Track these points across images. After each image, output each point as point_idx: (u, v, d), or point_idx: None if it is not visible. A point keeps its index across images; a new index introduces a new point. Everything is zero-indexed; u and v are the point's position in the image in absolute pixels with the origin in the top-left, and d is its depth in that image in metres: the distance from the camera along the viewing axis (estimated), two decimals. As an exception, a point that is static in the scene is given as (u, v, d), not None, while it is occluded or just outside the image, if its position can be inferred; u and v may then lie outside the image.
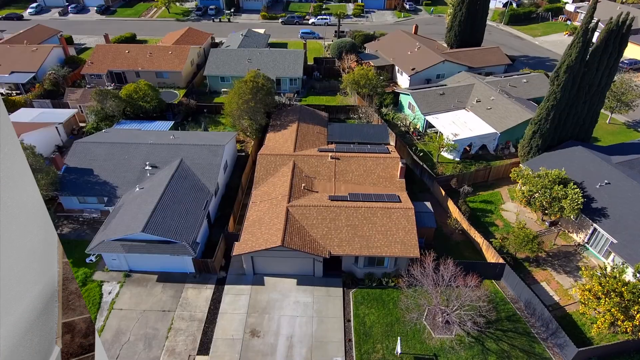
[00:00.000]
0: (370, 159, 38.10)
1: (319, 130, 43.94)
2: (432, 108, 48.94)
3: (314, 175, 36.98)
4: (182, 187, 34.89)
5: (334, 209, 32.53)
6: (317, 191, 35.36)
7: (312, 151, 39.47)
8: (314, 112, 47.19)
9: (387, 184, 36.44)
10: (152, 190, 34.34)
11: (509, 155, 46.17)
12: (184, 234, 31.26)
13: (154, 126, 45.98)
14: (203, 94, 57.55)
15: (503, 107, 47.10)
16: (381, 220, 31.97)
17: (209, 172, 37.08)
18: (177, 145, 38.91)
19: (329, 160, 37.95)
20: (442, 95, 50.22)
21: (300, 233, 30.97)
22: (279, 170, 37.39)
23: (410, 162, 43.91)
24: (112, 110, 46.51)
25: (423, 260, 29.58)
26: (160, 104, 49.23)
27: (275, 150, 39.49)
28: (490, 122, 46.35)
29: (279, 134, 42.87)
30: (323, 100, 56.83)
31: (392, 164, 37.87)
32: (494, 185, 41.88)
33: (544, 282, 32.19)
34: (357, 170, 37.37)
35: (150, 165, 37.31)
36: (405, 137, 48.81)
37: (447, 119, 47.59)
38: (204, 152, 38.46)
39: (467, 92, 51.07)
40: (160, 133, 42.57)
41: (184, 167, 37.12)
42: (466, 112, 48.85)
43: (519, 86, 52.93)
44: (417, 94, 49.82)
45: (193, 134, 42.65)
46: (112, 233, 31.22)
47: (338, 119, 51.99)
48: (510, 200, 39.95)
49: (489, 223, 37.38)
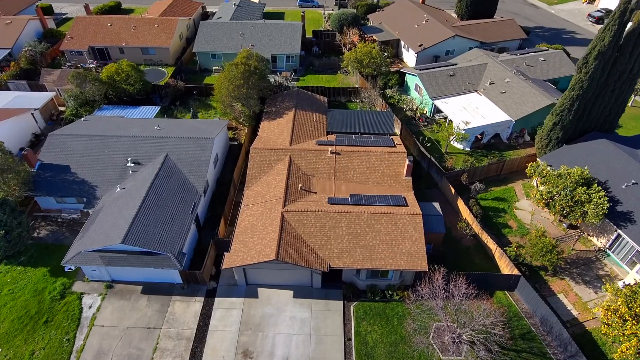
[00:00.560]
0: (374, 155, 34.70)
1: (318, 118, 40.23)
2: (441, 91, 44.92)
3: (311, 172, 33.72)
4: (167, 188, 31.75)
5: (334, 215, 29.53)
6: (315, 192, 32.24)
7: (310, 144, 36.00)
8: (312, 97, 43.25)
9: (392, 182, 33.25)
10: (134, 192, 31.23)
11: (523, 144, 42.67)
12: (168, 243, 28.43)
13: (138, 112, 42.21)
14: (193, 73, 53.24)
15: (519, 91, 43.10)
16: (386, 228, 29.04)
17: (197, 169, 33.80)
18: (161, 138, 35.37)
19: (328, 156, 34.57)
20: (452, 77, 46.05)
21: (296, 243, 28.13)
22: (273, 167, 34.09)
23: (416, 153, 40.51)
24: (92, 94, 42.58)
25: (432, 276, 26.92)
26: (146, 86, 45.19)
27: (270, 143, 36.02)
28: (504, 107, 42.50)
29: (274, 122, 39.21)
30: (322, 81, 52.58)
31: (397, 159, 34.51)
32: (507, 180, 38.67)
33: (561, 294, 29.69)
34: (360, 167, 34.06)
35: (133, 162, 33.99)
36: (411, 123, 45.11)
37: (457, 103, 43.70)
38: (191, 147, 35.00)
39: (479, 73, 46.84)
40: (144, 122, 38.90)
41: (170, 163, 33.81)
42: (478, 96, 44.87)
43: (535, 65, 48.60)
44: (425, 76, 45.64)
45: (180, 123, 38.99)
46: (89, 242, 28.40)
47: (338, 103, 48.07)
48: (525, 198, 36.87)
49: (501, 224, 34.48)
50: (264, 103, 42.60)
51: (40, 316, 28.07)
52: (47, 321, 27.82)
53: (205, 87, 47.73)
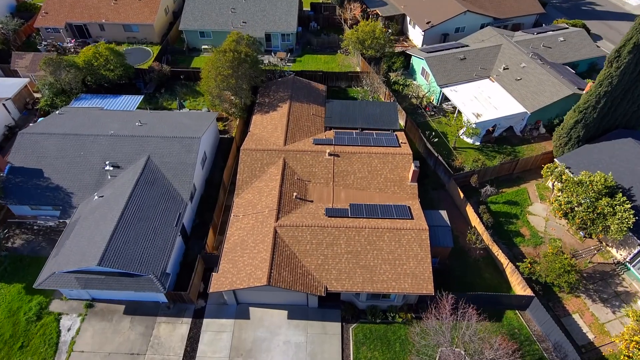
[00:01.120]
0: (377, 157, 31.61)
1: (315, 110, 36.76)
2: (451, 78, 41.07)
3: (308, 177, 30.78)
4: (148, 197, 28.94)
5: (332, 231, 26.88)
6: (311, 200, 29.43)
7: (307, 143, 32.81)
8: (309, 86, 39.50)
9: (395, 188, 30.38)
10: (113, 201, 28.46)
11: (538, 137, 39.39)
12: (150, 263, 25.97)
13: (119, 102, 38.65)
14: (180, 53, 48.99)
15: (536, 79, 39.30)
16: (388, 245, 26.48)
17: (182, 173, 30.82)
18: (143, 138, 32.13)
19: (326, 158, 31.49)
20: (462, 61, 42.04)
21: (290, 264, 25.65)
22: (266, 170, 31.10)
23: (422, 149, 37.34)
24: (68, 82, 38.86)
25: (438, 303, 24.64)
26: (127, 71, 41.30)
27: (262, 142, 32.81)
28: (519, 97, 38.87)
29: (267, 116, 35.79)
30: (321, 62, 48.45)
31: (402, 162, 31.46)
32: (520, 180, 35.73)
33: (577, 314, 27.56)
34: (361, 171, 31.07)
35: (111, 165, 30.97)
36: (417, 112, 41.58)
37: (467, 92, 40.00)
38: (175, 147, 31.85)
39: (492, 56, 42.76)
40: (125, 115, 35.47)
41: (152, 167, 30.80)
42: (490, 83, 41.08)
43: (554, 47, 44.39)
44: (433, 60, 41.62)
45: (164, 117, 35.56)
46: (64, 262, 25.94)
47: (338, 89, 44.27)
48: (539, 201, 34.09)
49: (513, 232, 31.91)
50: (256, 93, 38.95)
51: (15, 340, 26.07)
52: (23, 346, 25.84)
53: (193, 71, 43.79)
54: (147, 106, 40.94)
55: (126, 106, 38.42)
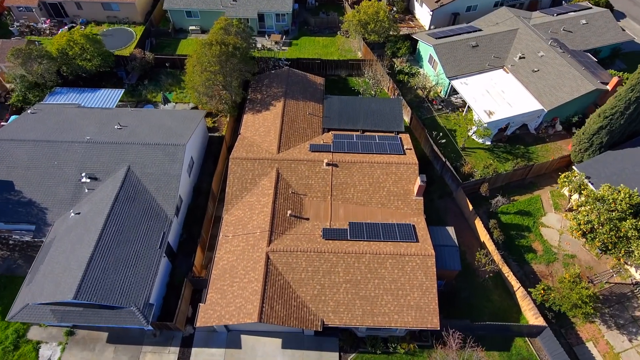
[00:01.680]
0: (379, 167, 28.83)
1: (313, 108, 33.53)
2: (461, 68, 37.44)
3: (303, 190, 28.15)
4: (129, 215, 26.45)
5: (330, 258, 24.60)
6: (307, 218, 26.97)
7: (302, 150, 29.93)
8: (306, 79, 35.96)
9: (399, 203, 27.82)
10: (90, 221, 26.02)
11: (554, 135, 36.36)
12: (132, 293, 23.87)
13: (98, 98, 35.32)
14: (165, 35, 44.88)
15: (555, 70, 35.73)
16: (391, 273, 24.28)
17: (166, 186, 28.17)
18: (122, 145, 29.21)
19: (323, 169, 28.73)
20: (474, 49, 38.21)
21: (284, 295, 23.56)
22: (257, 182, 28.43)
23: (428, 150, 34.43)
24: (40, 74, 35.35)
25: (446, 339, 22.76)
26: (106, 60, 37.60)
27: (254, 148, 29.91)
28: (535, 91, 35.46)
29: (260, 116, 32.65)
30: (319, 45, 44.45)
31: (407, 173, 28.73)
32: (533, 186, 33.08)
33: (590, 342, 25.82)
34: (362, 183, 28.39)
35: (88, 176, 28.26)
36: (423, 106, 38.27)
37: (479, 85, 36.54)
38: (158, 156, 29.00)
39: (507, 43, 38.87)
40: (103, 114, 32.27)
41: (132, 179, 28.11)
42: (504, 74, 37.50)
43: (575, 31, 40.35)
44: (442, 48, 37.79)
45: (146, 117, 32.36)
46: (38, 292, 23.83)
47: (337, 78, 40.66)
48: (553, 210, 31.62)
49: (524, 248, 29.68)
50: (247, 87, 35.54)
51: (-9, 373, 24.51)
52: (0, 380, 24.30)
53: (179, 58, 40.04)
54: (128, 103, 37.68)
55: (106, 102, 35.15)
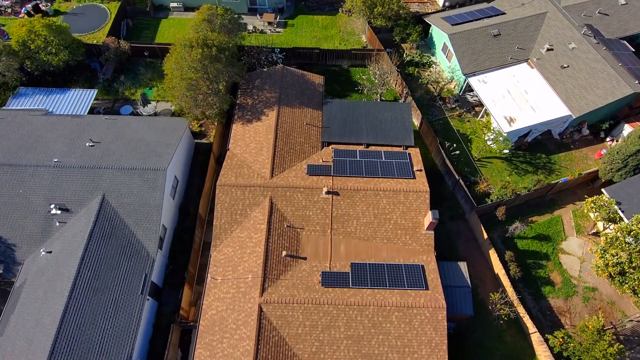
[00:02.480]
0: (385, 196, 25.61)
1: (311, 116, 29.61)
2: (480, 63, 32.87)
3: (300, 223, 25.15)
4: (106, 256, 23.69)
5: (329, 310, 22.16)
6: (304, 257, 24.24)
7: (299, 172, 26.53)
8: (303, 79, 31.54)
9: (407, 238, 24.95)
10: (62, 264, 23.33)
11: (580, 140, 32.67)
12: (112, 350, 21.66)
13: (68, 100, 31.19)
14: (143, 14, 39.49)
15: (587, 68, 31.27)
16: (397, 328, 21.97)
17: (147, 218, 25.11)
18: (94, 170, 25.74)
19: (323, 197, 25.53)
20: (496, 38, 33.37)
21: (279, 354, 21.39)
22: (248, 214, 25.35)
23: (439, 162, 30.96)
24: (0, 73, 30.99)
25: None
26: (75, 53, 32.89)
27: (244, 170, 26.50)
28: (563, 92, 31.27)
29: (250, 128, 28.84)
30: (318, 25, 39.25)
31: (416, 203, 25.58)
32: (554, 204, 29.99)
33: (608, 390, 24.13)
34: (365, 214, 25.32)
35: (58, 208, 25.14)
36: (434, 104, 34.14)
37: (500, 84, 32.23)
38: (136, 183, 25.66)
39: (534, 30, 33.90)
40: (73, 126, 28.36)
41: (108, 211, 25.01)
42: (529, 70, 33.00)
43: (612, 13, 35.14)
44: (458, 38, 32.94)
45: (121, 129, 28.41)
46: (10, 347, 21.64)
47: (338, 69, 36.06)
48: (575, 234, 28.82)
49: (541, 279, 27.23)
50: (236, 88, 31.29)
51: None
52: None
53: (159, 48, 35.20)
54: (103, 103, 33.54)
55: (77, 106, 31.09)
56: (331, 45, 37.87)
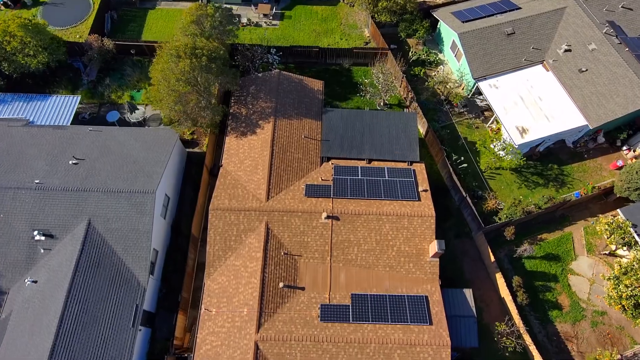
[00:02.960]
0: (389, 221, 24.16)
1: (309, 127, 27.68)
2: (491, 65, 30.53)
3: (298, 249, 23.84)
4: (94, 287, 22.53)
5: (328, 348, 21.22)
6: (302, 287, 23.10)
7: (297, 193, 24.97)
8: (301, 86, 29.30)
9: (410, 266, 23.71)
10: (49, 296, 22.21)
11: (595, 149, 30.86)
12: (103, 390, 21.00)
13: (50, 108, 29.19)
14: (128, 4, 36.58)
15: (607, 72, 29.01)
16: (399, 367, 21.14)
17: (136, 245, 23.74)
18: (79, 194, 24.13)
19: (322, 222, 24.08)
20: (509, 37, 30.84)
21: (276, 394, 20.68)
22: (243, 240, 23.99)
23: (445, 174, 29.29)
24: (-26, 79, 28.89)
25: None
26: (55, 54, 30.47)
27: (238, 193, 24.90)
28: (580, 99, 29.14)
29: (245, 142, 26.99)
30: (318, 17, 36.46)
31: (421, 229, 24.16)
32: (564, 221, 28.57)
33: (613, 420, 23.63)
34: (367, 241, 23.96)
35: (42, 234, 23.74)
36: (441, 109, 32.04)
37: (512, 88, 30.04)
38: (123, 207, 24.13)
39: (551, 28, 31.30)
40: (55, 140, 26.51)
41: (94, 238, 23.62)
42: (544, 73, 30.69)
43: (637, 8, 32.37)
44: (469, 38, 30.41)
45: (107, 143, 26.52)
46: (-3, 386, 21.02)
47: (339, 67, 33.66)
48: (586, 253, 27.58)
49: (549, 303, 26.20)
50: (229, 97, 29.16)
51: None
52: None
53: (146, 45, 32.70)
54: (88, 107, 31.49)
55: (59, 114, 29.15)
56: (331, 40, 35.29)
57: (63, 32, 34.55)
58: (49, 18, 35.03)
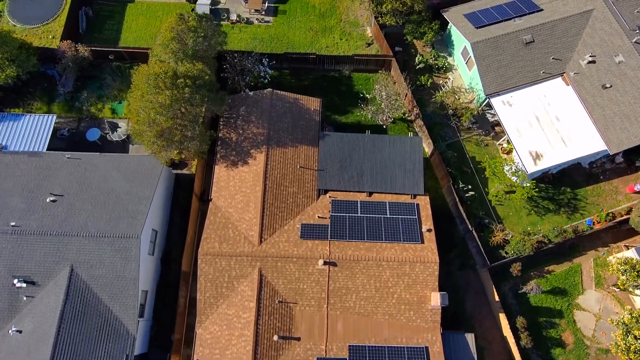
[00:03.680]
0: (389, 267, 22.75)
1: (305, 155, 25.52)
2: (506, 79, 27.68)
3: (293, 297, 22.66)
4: (80, 339, 21.59)
5: (324, 407, 20.70)
6: (298, 338, 22.18)
7: (292, 234, 23.38)
8: (296, 106, 26.61)
9: (411, 314, 22.63)
10: (34, 350, 21.37)
11: (612, 171, 28.80)
12: None
13: (24, 131, 26.90)
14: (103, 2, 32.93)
15: (634, 90, 26.27)
16: None
17: (123, 292, 22.49)
18: (59, 237, 22.55)
19: (319, 269, 22.70)
20: (528, 46, 27.71)
21: None
22: (235, 287, 22.74)
23: (451, 202, 27.51)
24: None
25: None
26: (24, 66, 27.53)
27: (229, 234, 23.30)
28: (601, 120, 26.62)
29: (235, 173, 24.97)
30: (315, 12, 32.90)
31: (423, 275, 22.81)
32: (574, 251, 27.15)
33: None
34: (366, 288, 22.71)
35: (23, 280, 22.48)
36: (448, 124, 29.55)
37: (527, 106, 27.44)
38: (106, 253, 22.62)
39: (574, 34, 28.03)
40: (30, 171, 24.54)
41: (78, 286, 22.36)
42: (563, 87, 27.91)
43: (672, 9, 28.87)
44: (483, 48, 27.30)
45: (87, 175, 24.51)
46: None
47: (338, 75, 30.73)
48: (594, 287, 26.45)
49: (552, 340, 25.46)
50: (217, 119, 26.67)
51: None
52: None
53: (128, 52, 29.57)
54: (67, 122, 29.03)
55: (35, 136, 26.94)
56: (330, 40, 32.01)
57: (34, 32, 31.37)
58: (16, 14, 31.84)
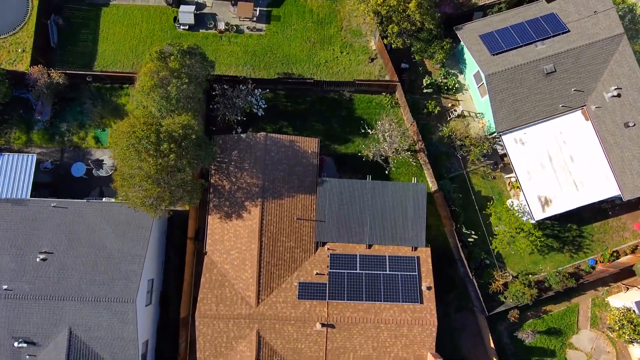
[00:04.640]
0: (387, 329, 22.71)
1: (302, 203, 24.29)
2: (521, 114, 25.41)
3: (292, 356, 22.90)
4: (86, 400, 22.38)
5: None
6: (296, 396, 22.90)
7: (289, 293, 23.07)
8: (292, 150, 24.57)
9: (407, 371, 23.14)
10: (42, 410, 22.24)
11: (622, 205, 27.64)
12: None
13: (4, 174, 25.28)
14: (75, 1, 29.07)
15: (658, 131, 24.29)
16: None
17: (123, 352, 22.73)
18: (54, 301, 22.20)
19: (316, 331, 22.70)
20: (548, 77, 25.03)
21: None
22: (234, 347, 22.92)
23: (452, 244, 26.80)
24: None
25: None
26: (-2, 96, 25.32)
27: (225, 294, 22.96)
28: (618, 162, 24.90)
29: (230, 227, 23.94)
30: (313, 19, 29.48)
31: (420, 336, 22.86)
32: (573, 292, 26.97)
33: None
34: (363, 347, 22.88)
35: (24, 341, 22.63)
36: (453, 154, 27.77)
37: (541, 145, 25.53)
38: (104, 316, 22.45)
39: (601, 62, 25.16)
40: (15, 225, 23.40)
41: (79, 347, 22.50)
42: (582, 122, 25.71)
43: None
44: (498, 81, 24.66)
45: (74, 228, 23.44)
46: None
47: (338, 97, 28.22)
48: (589, 327, 26.72)
49: (543, 379, 26.37)
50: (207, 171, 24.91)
51: None
52: None
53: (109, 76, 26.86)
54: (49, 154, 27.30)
55: (16, 180, 25.32)
56: (330, 54, 28.97)
57: (1, 45, 28.30)
58: (-22, 23, 28.44)
